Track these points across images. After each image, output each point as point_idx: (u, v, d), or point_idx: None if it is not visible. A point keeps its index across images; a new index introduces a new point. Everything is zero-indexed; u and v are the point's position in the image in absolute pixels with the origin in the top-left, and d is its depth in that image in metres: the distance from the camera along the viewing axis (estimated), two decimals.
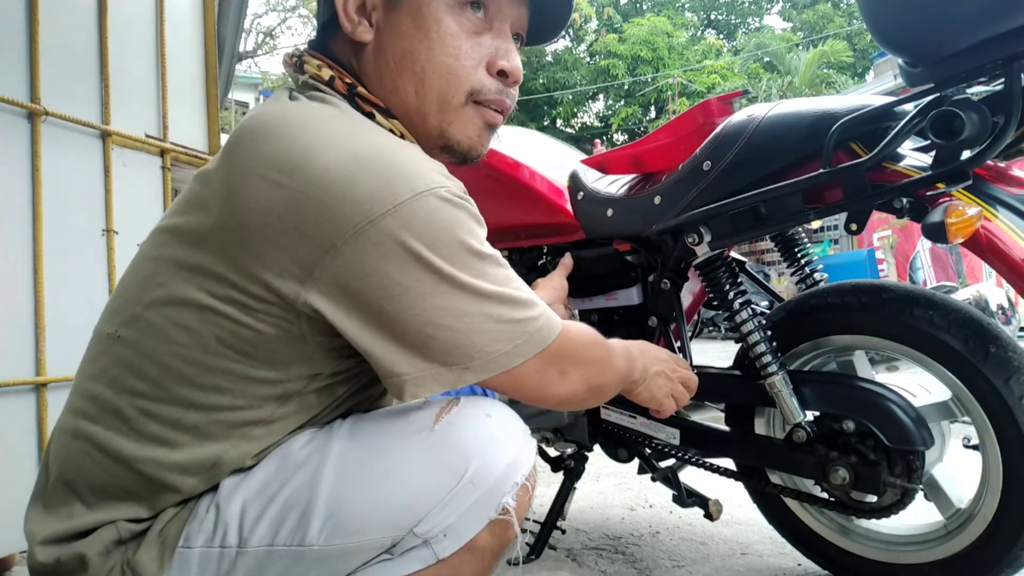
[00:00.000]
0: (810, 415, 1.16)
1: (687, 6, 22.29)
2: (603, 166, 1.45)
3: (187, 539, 0.68)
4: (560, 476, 1.54)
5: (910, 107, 0.98)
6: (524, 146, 1.57)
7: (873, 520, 1.15)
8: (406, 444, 0.71)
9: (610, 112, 19.67)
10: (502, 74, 0.77)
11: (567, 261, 1.35)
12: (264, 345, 0.67)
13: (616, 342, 0.93)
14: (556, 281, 1.28)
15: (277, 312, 0.66)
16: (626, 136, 18.96)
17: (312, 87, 0.76)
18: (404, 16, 0.74)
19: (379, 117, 0.76)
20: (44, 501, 0.73)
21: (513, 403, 1.52)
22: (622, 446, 1.45)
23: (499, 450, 0.71)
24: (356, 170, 0.63)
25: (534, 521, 1.58)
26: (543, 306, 0.74)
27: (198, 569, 0.68)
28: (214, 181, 0.68)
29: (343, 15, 0.76)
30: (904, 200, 1.00)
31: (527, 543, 1.51)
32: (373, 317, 0.65)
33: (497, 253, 0.72)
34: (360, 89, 0.76)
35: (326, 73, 0.76)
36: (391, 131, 0.76)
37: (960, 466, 1.19)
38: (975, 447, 1.07)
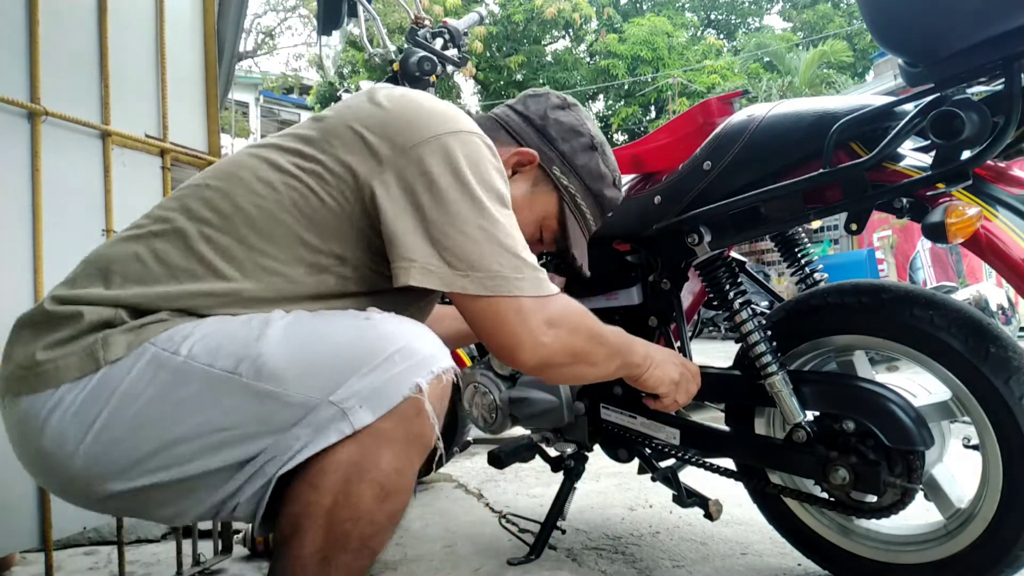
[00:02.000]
0: (810, 415, 1.16)
1: (687, 6, 22.28)
2: None
3: (157, 340, 0.77)
4: (560, 476, 1.54)
5: (910, 107, 0.98)
6: None
7: (873, 520, 1.15)
8: (342, 322, 0.79)
9: (610, 112, 19.66)
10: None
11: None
12: (322, 215, 0.83)
13: (615, 328, 1.00)
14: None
15: (345, 190, 0.83)
16: (626, 136, 18.95)
17: None
18: (522, 192, 1.08)
19: None
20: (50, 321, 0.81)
21: (514, 402, 1.52)
22: (622, 446, 1.45)
23: (422, 342, 0.79)
24: (439, 108, 0.88)
25: (534, 521, 1.58)
26: (541, 269, 0.87)
27: (146, 363, 0.75)
28: (330, 111, 0.90)
29: (511, 161, 1.05)
30: (904, 200, 1.00)
31: (527, 543, 1.51)
32: (410, 206, 0.81)
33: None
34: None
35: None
36: None
37: (960, 466, 1.19)
38: (975, 447, 1.07)
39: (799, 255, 1.34)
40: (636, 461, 1.46)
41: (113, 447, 0.75)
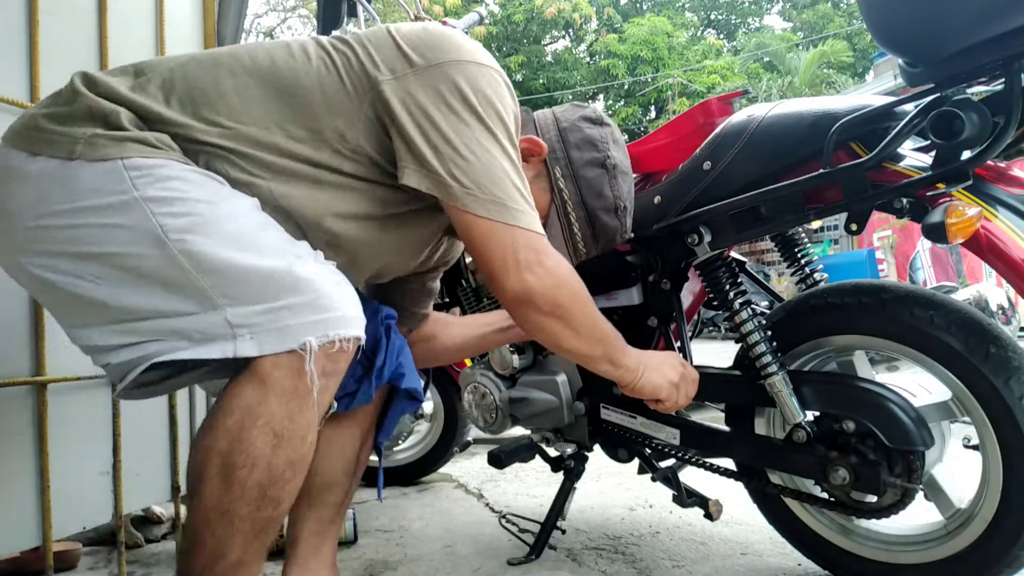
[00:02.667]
0: (810, 415, 1.16)
1: (687, 6, 22.29)
2: None
3: (129, 162, 0.78)
4: (560, 476, 1.54)
5: (910, 107, 0.98)
6: None
7: (873, 520, 1.15)
8: (277, 245, 0.80)
9: (610, 112, 19.65)
10: None
11: None
12: (339, 95, 0.87)
13: (615, 330, 1.03)
14: None
15: (364, 80, 0.87)
16: (626, 136, 18.93)
17: None
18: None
19: None
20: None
21: (514, 402, 1.52)
22: (622, 446, 1.45)
23: (339, 302, 0.79)
24: (473, 45, 0.92)
25: (534, 521, 1.58)
26: (535, 208, 0.90)
27: (103, 174, 0.77)
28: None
29: (524, 149, 1.05)
30: (904, 200, 1.00)
31: (527, 543, 1.51)
32: (423, 121, 0.85)
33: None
34: None
35: None
36: None
37: (960, 466, 1.19)
38: (975, 447, 1.07)
39: (799, 255, 1.34)
40: (636, 461, 1.46)
41: (43, 232, 0.78)
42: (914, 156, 1.02)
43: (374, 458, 1.22)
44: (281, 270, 0.77)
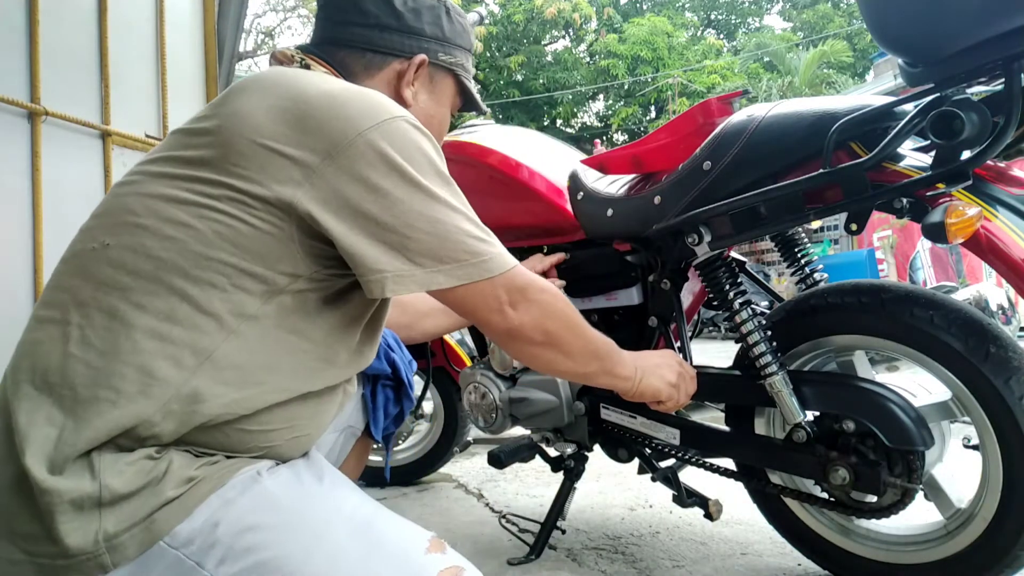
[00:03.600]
0: (810, 415, 1.16)
1: (687, 6, 22.29)
2: (603, 166, 1.45)
3: (174, 537, 0.67)
4: (560, 476, 1.54)
5: (910, 107, 0.98)
6: (524, 146, 1.57)
7: (873, 520, 1.15)
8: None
9: (610, 112, 19.67)
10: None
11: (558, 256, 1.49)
12: (258, 241, 0.74)
13: (606, 338, 0.99)
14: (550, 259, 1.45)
15: (273, 212, 0.74)
16: (626, 136, 18.95)
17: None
18: (429, 97, 1.01)
19: None
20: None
21: (514, 402, 1.52)
22: (622, 446, 1.45)
23: None
24: (347, 97, 0.78)
25: (534, 521, 1.58)
26: (498, 242, 0.84)
27: (164, 568, 0.67)
28: (217, 117, 0.78)
29: (408, 72, 0.97)
30: (904, 200, 1.00)
31: (527, 543, 1.51)
32: (359, 219, 0.75)
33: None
34: None
35: (320, 69, 0.90)
36: None
37: (960, 466, 1.19)
38: (975, 447, 1.07)
39: (799, 255, 1.34)
40: (636, 461, 1.46)
41: None
42: (914, 156, 1.02)
43: (375, 458, 1.24)
44: None
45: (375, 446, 1.26)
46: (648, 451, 1.42)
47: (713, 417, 1.37)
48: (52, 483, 0.65)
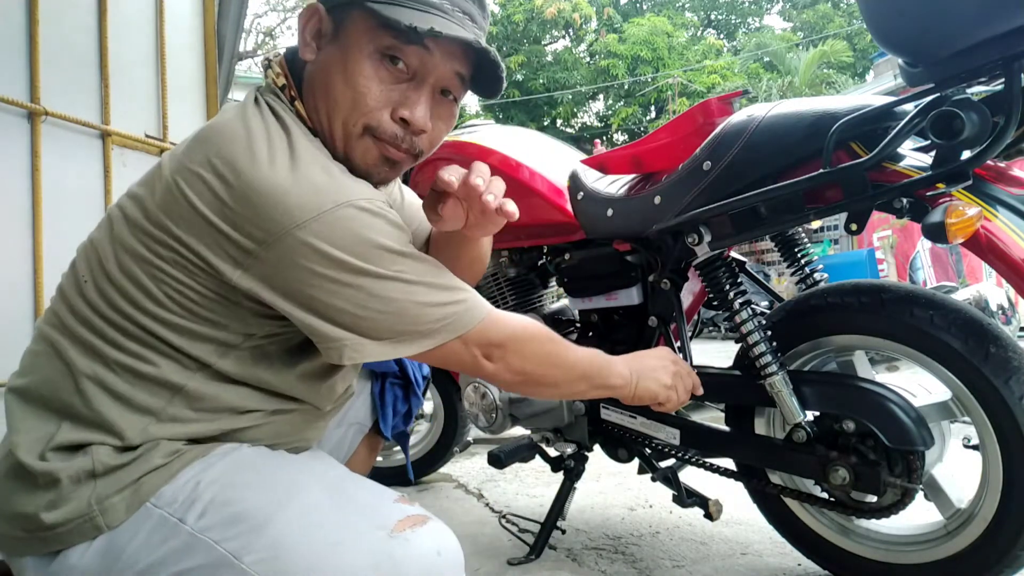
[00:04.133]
0: (810, 415, 1.16)
1: (687, 6, 22.28)
2: (603, 166, 1.45)
3: (159, 498, 0.73)
4: (560, 476, 1.54)
5: (910, 107, 0.98)
6: (524, 146, 1.57)
7: (873, 520, 1.15)
8: (364, 536, 0.72)
9: (610, 112, 19.66)
10: (404, 121, 0.83)
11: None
12: (206, 307, 0.76)
13: (591, 351, 0.99)
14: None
15: (216, 281, 0.75)
16: (626, 136, 18.95)
17: (272, 91, 0.85)
18: (337, 50, 0.82)
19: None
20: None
21: (514, 402, 1.52)
22: (622, 446, 1.45)
23: None
24: (290, 183, 0.73)
25: (534, 521, 1.58)
26: (470, 292, 0.82)
27: (151, 527, 0.72)
28: (169, 167, 0.77)
29: (300, 35, 0.85)
30: (904, 200, 1.00)
31: (527, 543, 1.51)
32: (304, 302, 0.74)
33: (419, 252, 0.80)
34: (297, 104, 0.84)
35: (280, 81, 0.85)
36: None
37: (960, 466, 1.19)
38: (975, 447, 1.07)
39: (799, 255, 1.34)
40: (636, 461, 1.46)
41: None
42: (914, 156, 1.02)
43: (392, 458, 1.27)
44: (373, 562, 0.70)
45: (385, 444, 1.28)
46: (648, 451, 1.42)
47: (713, 417, 1.37)
48: (47, 466, 0.73)
